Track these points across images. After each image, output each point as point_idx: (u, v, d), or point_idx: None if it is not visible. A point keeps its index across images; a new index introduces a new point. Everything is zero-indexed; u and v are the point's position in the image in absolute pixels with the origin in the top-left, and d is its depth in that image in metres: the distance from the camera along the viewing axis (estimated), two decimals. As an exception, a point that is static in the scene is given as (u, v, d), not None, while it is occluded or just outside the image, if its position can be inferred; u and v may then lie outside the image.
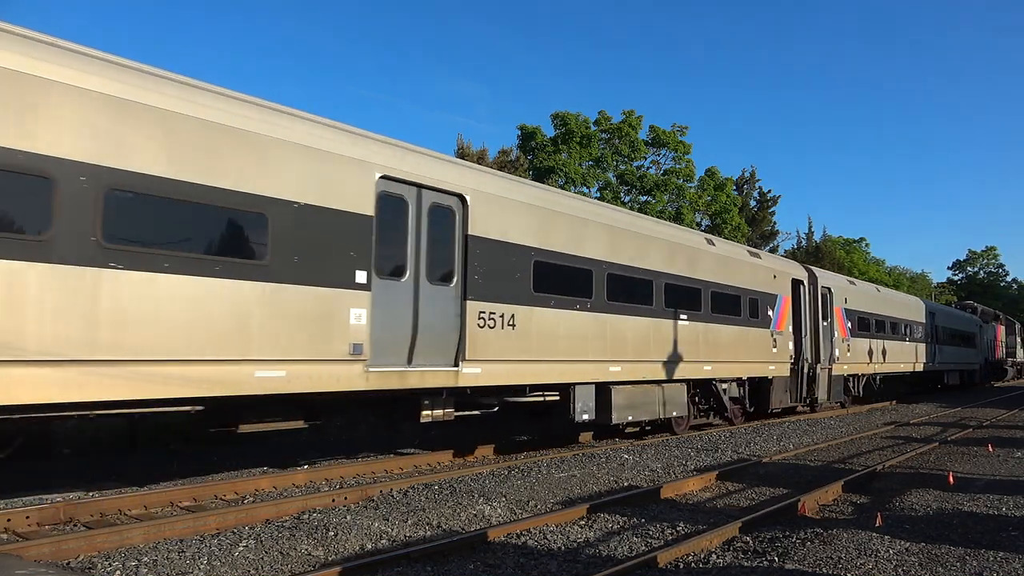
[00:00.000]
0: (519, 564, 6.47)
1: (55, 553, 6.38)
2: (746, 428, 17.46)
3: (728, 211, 40.32)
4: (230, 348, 7.54)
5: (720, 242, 18.10)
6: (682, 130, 39.08)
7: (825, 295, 21.56)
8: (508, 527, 7.51)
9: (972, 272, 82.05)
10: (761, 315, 17.93)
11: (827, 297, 21.63)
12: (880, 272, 61.94)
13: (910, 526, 7.82)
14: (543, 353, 11.47)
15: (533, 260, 11.40)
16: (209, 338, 7.40)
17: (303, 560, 6.44)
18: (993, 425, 19.67)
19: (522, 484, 9.67)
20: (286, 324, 8.06)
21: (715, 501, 9.52)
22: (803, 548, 6.82)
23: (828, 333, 21.36)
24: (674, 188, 38.17)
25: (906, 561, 6.54)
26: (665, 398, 14.30)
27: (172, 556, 6.31)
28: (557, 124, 36.29)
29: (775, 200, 51.14)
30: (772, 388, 18.40)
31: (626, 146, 37.31)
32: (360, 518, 7.64)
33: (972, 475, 11.21)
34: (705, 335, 15.69)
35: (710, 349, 15.82)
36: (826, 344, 21.09)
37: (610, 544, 7.21)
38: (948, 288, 71.79)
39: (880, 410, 24.36)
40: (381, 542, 7.01)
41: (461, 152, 37.40)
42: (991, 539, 7.34)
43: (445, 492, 9.09)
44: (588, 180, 36.10)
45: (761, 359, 17.92)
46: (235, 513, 7.83)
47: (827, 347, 21.17)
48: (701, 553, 6.82)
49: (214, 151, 7.60)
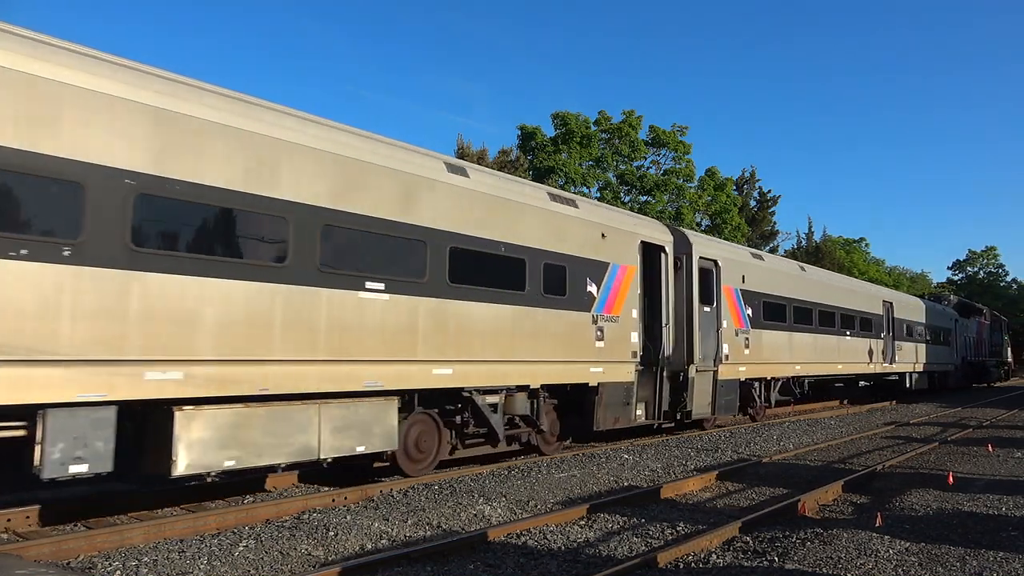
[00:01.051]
0: (519, 564, 6.47)
1: (55, 553, 6.38)
2: (746, 428, 17.34)
3: (728, 211, 40.34)
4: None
5: (481, 172, 11.55)
6: (682, 130, 39.11)
7: (707, 271, 16.12)
8: (508, 527, 7.51)
9: (972, 272, 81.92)
10: (572, 291, 12.10)
11: (710, 274, 16.21)
12: (880, 272, 61.97)
13: (910, 526, 7.82)
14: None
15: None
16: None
17: (303, 560, 6.44)
18: (993, 425, 19.67)
19: (522, 484, 9.67)
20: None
21: (715, 501, 9.52)
22: (803, 548, 6.82)
23: (711, 322, 15.98)
24: (674, 188, 38.17)
25: (906, 561, 6.54)
26: (338, 424, 8.60)
27: (172, 556, 6.31)
28: (557, 124, 36.30)
29: (775, 200, 51.24)
30: (599, 400, 12.52)
31: (626, 146, 37.32)
32: (360, 518, 7.64)
33: (972, 475, 11.21)
34: (437, 318, 9.77)
35: (449, 340, 9.95)
36: (707, 337, 15.76)
37: (610, 544, 7.21)
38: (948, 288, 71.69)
39: (880, 410, 24.34)
40: (381, 542, 7.01)
41: (461, 152, 37.40)
42: (991, 539, 7.34)
43: (445, 492, 9.09)
44: (588, 180, 36.12)
45: (575, 356, 12.13)
46: (235, 513, 7.84)
47: (709, 341, 15.82)
48: (701, 553, 6.82)
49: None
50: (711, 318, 16.08)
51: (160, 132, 7.23)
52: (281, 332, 8.07)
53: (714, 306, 16.22)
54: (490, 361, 10.64)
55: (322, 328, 8.50)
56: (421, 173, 9.94)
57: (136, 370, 6.91)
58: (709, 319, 15.99)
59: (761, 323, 18.25)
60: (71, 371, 6.47)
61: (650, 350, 14.10)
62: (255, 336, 7.84)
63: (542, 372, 11.58)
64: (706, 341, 15.75)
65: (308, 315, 8.36)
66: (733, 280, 17.07)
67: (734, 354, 16.86)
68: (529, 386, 11.36)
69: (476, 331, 10.43)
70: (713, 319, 16.14)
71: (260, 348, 7.88)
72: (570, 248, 12.19)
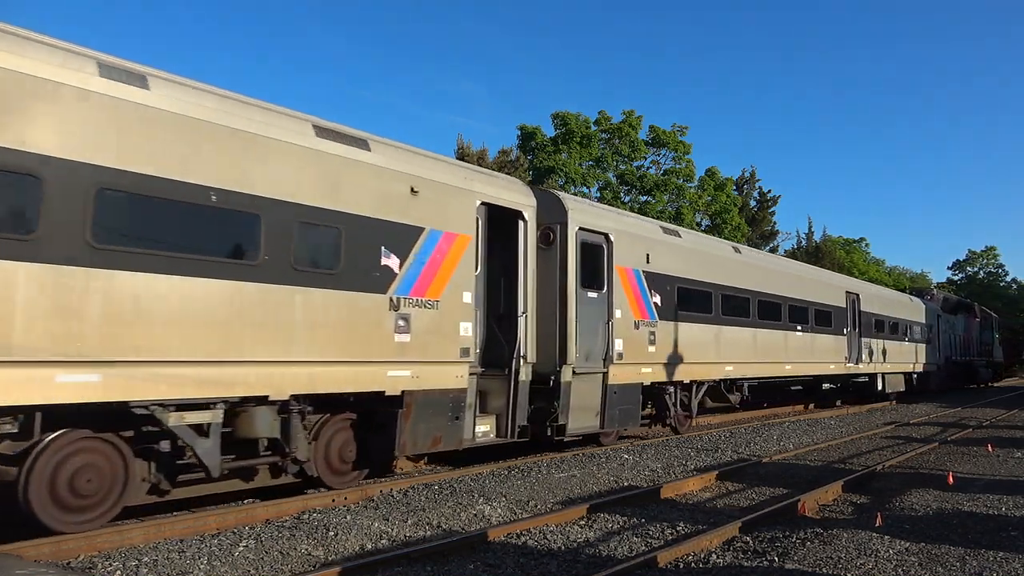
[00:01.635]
0: (519, 564, 6.47)
1: (55, 553, 6.38)
2: (746, 428, 17.35)
3: (728, 211, 40.38)
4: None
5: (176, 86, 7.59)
6: (682, 130, 39.16)
7: (593, 247, 12.72)
8: (508, 527, 7.51)
9: (972, 272, 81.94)
10: (352, 264, 8.78)
11: (598, 251, 12.85)
12: (880, 272, 61.99)
13: (910, 526, 7.82)
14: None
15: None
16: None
17: (303, 560, 6.44)
18: (993, 425, 19.67)
19: (522, 484, 9.67)
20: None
21: (715, 501, 9.53)
22: (803, 548, 6.82)
23: (598, 313, 12.62)
24: (674, 188, 38.21)
25: (906, 561, 6.54)
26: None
27: (172, 556, 6.31)
28: (557, 124, 36.34)
29: (775, 200, 51.22)
30: (406, 414, 9.26)
31: (626, 146, 37.35)
32: (360, 518, 7.65)
33: (972, 475, 11.21)
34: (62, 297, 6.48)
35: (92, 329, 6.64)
36: (592, 332, 12.47)
37: (610, 544, 7.21)
38: (948, 288, 71.70)
39: (880, 410, 24.35)
40: (381, 542, 7.01)
41: (461, 152, 37.42)
42: (991, 539, 7.34)
43: (445, 492, 9.10)
44: (588, 180, 36.14)
45: (359, 355, 8.80)
46: (235, 513, 7.83)
47: (595, 337, 12.52)
48: (701, 553, 6.82)
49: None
50: (598, 307, 12.63)
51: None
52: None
53: (603, 292, 12.80)
54: (189, 362, 7.27)
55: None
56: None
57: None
58: (595, 308, 12.53)
59: (675, 314, 14.70)
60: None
61: (503, 347, 11.28)
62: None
63: (294, 377, 8.06)
64: (590, 336, 12.36)
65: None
66: (632, 259, 13.57)
67: (633, 352, 13.30)
68: (269, 397, 7.94)
69: (156, 316, 7.03)
70: (601, 308, 12.72)
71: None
72: (351, 204, 8.80)
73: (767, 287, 18.68)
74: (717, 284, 16.45)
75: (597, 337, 12.66)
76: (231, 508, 8.16)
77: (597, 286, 12.80)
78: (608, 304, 12.92)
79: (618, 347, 12.98)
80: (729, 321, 16.75)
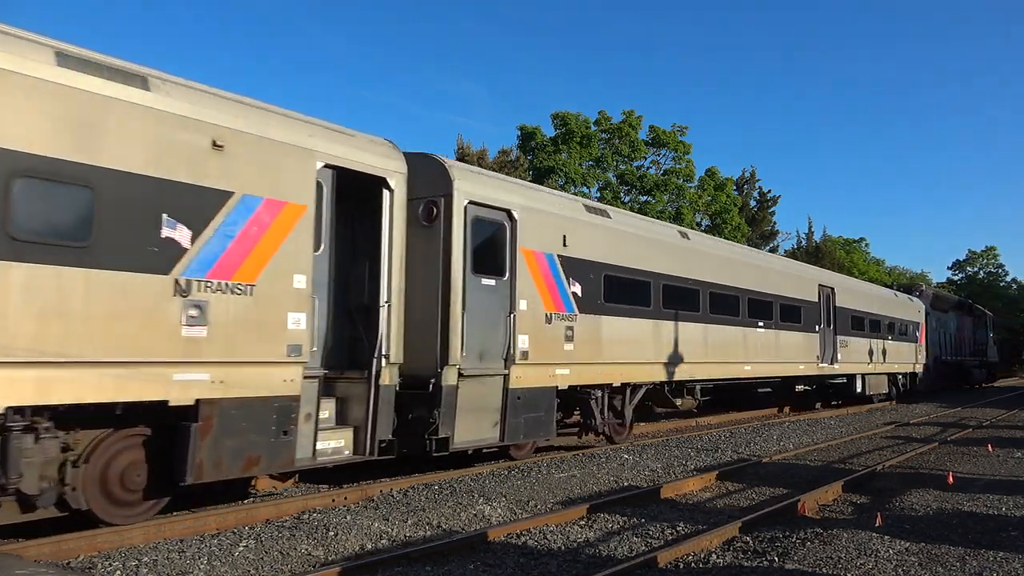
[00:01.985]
0: (519, 564, 6.48)
1: (55, 553, 6.38)
2: (746, 428, 17.33)
3: (728, 211, 40.39)
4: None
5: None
6: (682, 130, 39.17)
7: (491, 225, 10.77)
8: (508, 527, 7.51)
9: (972, 272, 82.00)
10: (110, 234, 6.73)
11: (498, 231, 10.87)
12: (880, 272, 62.00)
13: (910, 526, 7.83)
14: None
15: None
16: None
17: (303, 560, 6.45)
18: (993, 425, 19.69)
19: (522, 484, 9.68)
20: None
21: (715, 501, 9.53)
22: (803, 548, 6.82)
23: (497, 304, 10.68)
24: (674, 188, 38.24)
25: (906, 561, 6.54)
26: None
27: (172, 556, 6.31)
28: (557, 124, 36.36)
29: (775, 200, 51.19)
30: (203, 430, 7.25)
31: (626, 146, 37.37)
32: (360, 518, 7.65)
33: (972, 475, 11.21)
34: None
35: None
36: (489, 326, 10.50)
37: (610, 544, 7.21)
38: (948, 288, 71.74)
39: (880, 410, 24.36)
40: (381, 542, 7.01)
41: (461, 152, 37.45)
42: (991, 539, 7.34)
43: (445, 492, 9.10)
44: (588, 180, 36.16)
45: (127, 354, 6.76)
46: (235, 513, 7.84)
47: (492, 332, 10.57)
48: (701, 553, 6.82)
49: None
50: (496, 297, 10.66)
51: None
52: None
53: (504, 279, 10.78)
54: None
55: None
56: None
57: None
58: (492, 299, 10.59)
59: (601, 307, 12.63)
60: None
61: (364, 343, 9.43)
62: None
63: (9, 383, 6.08)
64: (484, 331, 10.37)
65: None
66: (544, 242, 11.51)
67: (543, 350, 11.32)
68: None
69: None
70: (501, 299, 10.73)
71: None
72: (113, 158, 6.77)
73: (722, 278, 16.48)
74: (657, 273, 14.22)
75: (495, 333, 10.58)
76: (231, 508, 8.17)
77: (495, 272, 10.69)
78: (510, 294, 10.81)
79: (523, 344, 10.88)
80: (673, 315, 14.55)
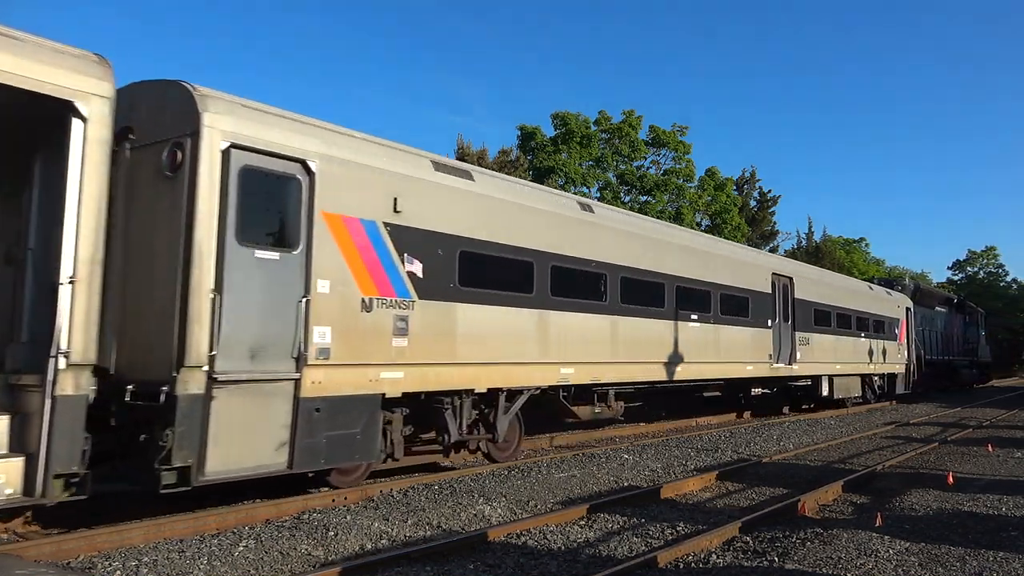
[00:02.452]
0: (519, 564, 6.48)
1: (55, 553, 6.38)
2: (746, 428, 17.32)
3: (728, 211, 40.41)
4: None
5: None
6: (682, 130, 39.21)
7: (269, 178, 8.14)
8: (508, 527, 7.51)
9: (972, 272, 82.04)
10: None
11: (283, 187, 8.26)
12: (880, 272, 61.98)
13: (910, 526, 7.83)
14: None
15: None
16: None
17: (303, 560, 6.45)
18: (993, 425, 19.69)
19: (522, 484, 9.67)
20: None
21: (715, 501, 9.53)
22: (803, 548, 6.82)
23: (280, 283, 8.08)
24: (674, 188, 38.26)
25: (906, 561, 6.54)
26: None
27: (172, 556, 6.31)
28: (557, 124, 36.38)
29: (775, 200, 51.18)
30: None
31: (626, 146, 37.40)
32: (360, 518, 7.65)
33: (972, 475, 11.21)
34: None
35: None
36: (261, 312, 7.85)
37: (610, 544, 7.21)
38: (948, 288, 71.75)
39: (880, 410, 24.36)
40: (381, 542, 7.01)
41: (461, 152, 37.45)
42: (991, 539, 7.34)
43: (445, 492, 9.10)
44: (588, 180, 36.17)
45: None
46: (235, 513, 7.84)
47: (269, 320, 7.90)
48: (701, 553, 6.82)
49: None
50: (281, 276, 8.05)
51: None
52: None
53: (296, 252, 8.11)
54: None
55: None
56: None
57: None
58: (273, 278, 7.96)
59: (455, 291, 9.96)
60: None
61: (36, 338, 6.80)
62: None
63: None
64: (260, 321, 7.78)
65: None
66: (363, 205, 8.87)
67: (359, 347, 8.65)
68: None
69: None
70: (290, 278, 8.06)
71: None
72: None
73: (641, 261, 13.79)
74: (544, 252, 11.47)
75: (278, 324, 7.93)
76: (231, 508, 8.16)
77: (279, 243, 8.15)
78: (304, 272, 8.15)
79: (321, 339, 8.25)
80: (567, 305, 11.86)
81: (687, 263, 15.26)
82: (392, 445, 9.46)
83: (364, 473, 9.53)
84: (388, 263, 9.20)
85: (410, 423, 9.80)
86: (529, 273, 11.29)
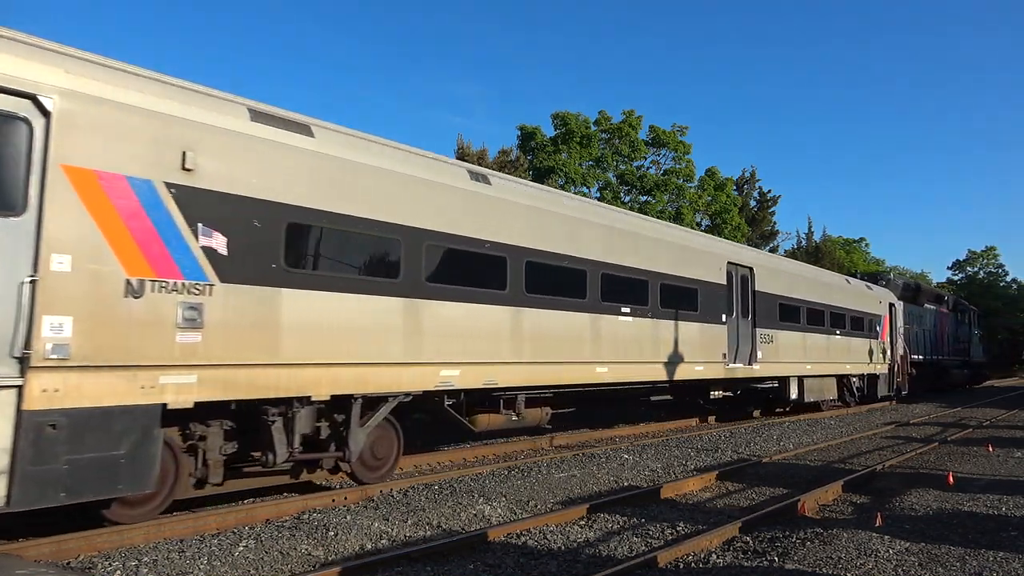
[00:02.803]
0: (519, 564, 6.47)
1: (55, 553, 6.38)
2: (746, 428, 17.31)
3: (728, 211, 40.41)
4: None
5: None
6: (682, 130, 39.22)
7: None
8: (508, 527, 7.51)
9: (972, 272, 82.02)
10: None
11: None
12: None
13: (910, 526, 7.83)
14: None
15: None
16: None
17: (303, 560, 6.45)
18: (993, 425, 19.68)
19: (522, 484, 9.67)
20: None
21: (715, 501, 9.52)
22: (803, 548, 6.82)
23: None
24: (674, 188, 38.27)
25: (906, 561, 6.54)
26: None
27: (172, 556, 6.31)
28: (557, 124, 36.40)
29: (775, 200, 51.22)
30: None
31: (626, 146, 37.41)
32: (360, 518, 7.65)
33: (972, 475, 11.21)
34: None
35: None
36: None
37: (610, 544, 7.21)
38: (948, 288, 71.73)
39: (880, 410, 24.35)
40: (381, 542, 7.01)
41: (461, 152, 37.47)
42: (991, 539, 7.34)
43: (445, 492, 9.10)
44: (588, 180, 36.17)
45: None
46: (235, 513, 7.84)
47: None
48: (701, 553, 6.82)
49: None
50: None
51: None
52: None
53: (19, 217, 6.16)
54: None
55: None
56: None
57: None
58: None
59: (280, 274, 7.97)
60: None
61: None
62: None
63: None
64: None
65: None
66: (132, 160, 6.86)
67: (121, 343, 6.65)
68: None
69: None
70: (6, 249, 6.09)
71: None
72: None
73: (554, 244, 11.80)
74: (417, 229, 9.58)
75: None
76: (231, 508, 8.16)
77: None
78: (32, 243, 6.21)
79: (56, 332, 6.24)
80: (452, 294, 10.02)
81: (616, 248, 13.20)
82: (207, 468, 7.74)
83: (161, 504, 7.46)
84: (171, 235, 7.11)
85: (234, 439, 8.00)
86: (396, 254, 9.33)
